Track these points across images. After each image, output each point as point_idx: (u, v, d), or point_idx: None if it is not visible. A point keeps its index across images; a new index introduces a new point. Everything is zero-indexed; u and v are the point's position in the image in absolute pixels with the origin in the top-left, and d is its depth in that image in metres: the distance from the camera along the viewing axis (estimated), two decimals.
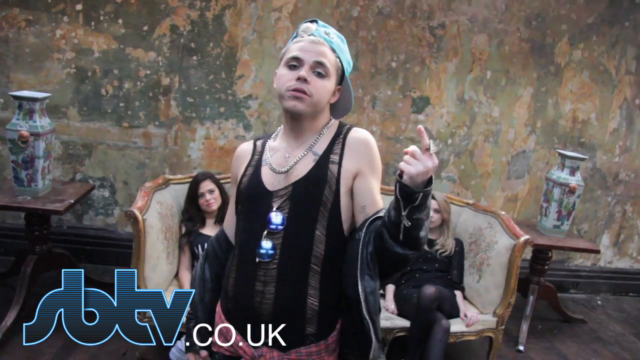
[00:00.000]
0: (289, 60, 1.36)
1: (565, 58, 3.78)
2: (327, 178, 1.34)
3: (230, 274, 1.42)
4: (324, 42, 1.37)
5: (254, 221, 1.36)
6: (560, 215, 3.41)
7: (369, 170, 1.36)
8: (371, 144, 1.39)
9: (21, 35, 3.33)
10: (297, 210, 1.33)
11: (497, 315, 2.88)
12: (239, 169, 1.48)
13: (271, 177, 1.39)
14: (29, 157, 2.76)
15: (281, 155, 1.41)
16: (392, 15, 3.54)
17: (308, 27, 1.40)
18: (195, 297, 1.52)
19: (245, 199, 1.41)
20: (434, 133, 3.68)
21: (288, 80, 1.34)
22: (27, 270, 2.87)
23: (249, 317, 1.35)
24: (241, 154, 1.51)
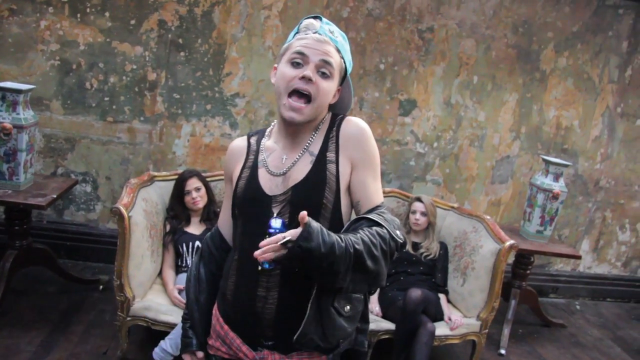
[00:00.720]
0: (293, 56, 1.29)
1: (551, 65, 3.83)
2: (326, 179, 1.32)
3: (229, 277, 1.39)
4: (329, 41, 1.31)
5: (254, 226, 1.32)
6: (544, 221, 3.45)
7: (362, 163, 1.34)
8: (364, 134, 1.36)
9: (4, 25, 3.25)
10: (297, 213, 1.24)
11: (481, 319, 2.90)
12: (233, 168, 1.45)
13: (269, 181, 1.35)
14: (12, 149, 2.69)
15: (277, 157, 1.38)
16: (381, 17, 3.54)
17: (312, 23, 1.33)
18: (190, 297, 1.50)
19: (243, 203, 1.37)
20: (419, 136, 3.71)
21: (291, 78, 1.28)
22: (5, 265, 2.80)
23: (250, 321, 1.34)
24: (235, 150, 1.47)
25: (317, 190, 1.31)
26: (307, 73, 1.27)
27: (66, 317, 2.93)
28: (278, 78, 1.32)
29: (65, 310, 2.99)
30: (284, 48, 1.35)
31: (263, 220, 1.28)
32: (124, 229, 2.43)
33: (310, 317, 1.24)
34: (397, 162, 3.80)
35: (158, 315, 2.54)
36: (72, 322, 2.89)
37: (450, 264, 3.17)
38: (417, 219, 3.09)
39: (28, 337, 2.70)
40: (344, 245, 1.17)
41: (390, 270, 3.07)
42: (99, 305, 3.09)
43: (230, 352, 1.40)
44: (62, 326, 2.84)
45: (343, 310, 1.29)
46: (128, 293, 2.50)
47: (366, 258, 1.21)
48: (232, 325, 1.39)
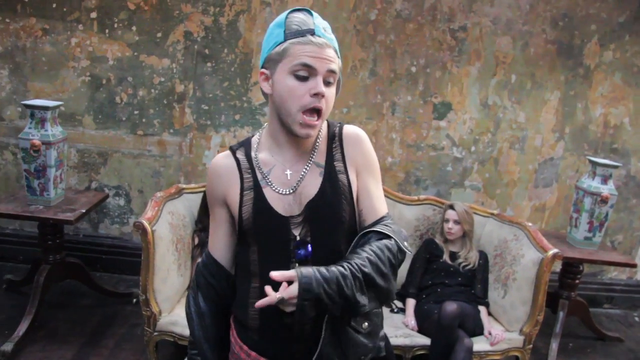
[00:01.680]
0: (297, 67, 1.18)
1: (595, 60, 3.59)
2: (340, 191, 1.28)
3: (251, 307, 1.30)
4: (328, 43, 1.21)
5: (274, 252, 1.27)
6: (592, 227, 3.22)
7: (365, 170, 1.32)
8: (366, 141, 1.35)
9: (38, 45, 3.33)
10: (319, 233, 1.26)
11: (524, 334, 2.72)
12: (226, 190, 1.32)
13: (280, 201, 1.27)
14: (41, 166, 2.73)
15: (280, 172, 1.29)
16: (411, 18, 3.42)
17: (304, 20, 1.21)
18: (196, 335, 1.39)
19: (257, 229, 1.27)
20: (456, 140, 3.56)
21: (301, 96, 1.18)
22: (40, 279, 2.84)
23: (285, 343, 1.30)
24: (223, 170, 1.32)
25: (335, 205, 1.27)
26: (320, 90, 1.18)
27: (98, 331, 2.94)
28: (283, 91, 1.20)
29: (98, 324, 3.01)
30: (275, 52, 1.21)
31: (284, 243, 1.25)
32: (147, 243, 2.40)
33: (326, 339, 1.23)
34: (434, 168, 3.65)
35: (185, 330, 2.48)
36: (104, 336, 2.90)
37: (490, 274, 3.00)
38: (450, 228, 2.94)
39: (60, 351, 2.72)
40: (349, 273, 1.16)
41: (427, 282, 2.94)
42: (131, 319, 3.09)
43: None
44: (94, 340, 2.85)
45: (361, 327, 1.28)
46: (154, 308, 2.47)
47: (376, 277, 1.20)
48: (261, 350, 1.33)
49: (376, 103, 3.52)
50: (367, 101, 3.50)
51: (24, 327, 2.72)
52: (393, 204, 3.17)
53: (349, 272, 1.16)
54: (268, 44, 1.24)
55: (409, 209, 3.19)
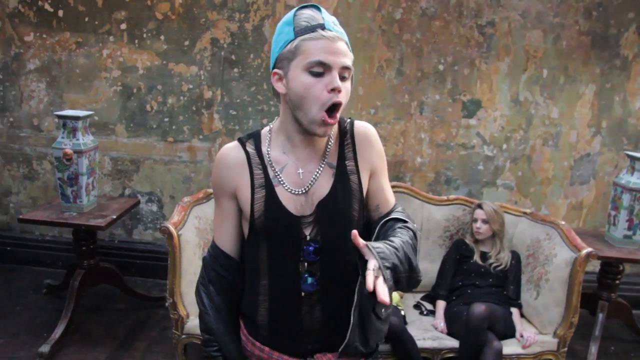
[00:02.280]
0: (311, 64, 1.16)
1: (634, 49, 3.44)
2: (351, 192, 1.29)
3: (260, 304, 1.33)
4: (340, 37, 1.19)
5: (284, 250, 1.28)
6: (632, 224, 3.07)
7: (380, 168, 1.35)
8: (377, 139, 1.36)
9: (72, 57, 3.46)
10: (330, 232, 1.28)
11: (558, 337, 2.62)
12: (235, 183, 1.31)
13: (292, 200, 1.27)
14: (74, 174, 2.83)
15: (292, 171, 1.28)
16: (437, 16, 3.37)
17: (312, 16, 1.19)
18: (216, 330, 1.37)
19: (269, 227, 1.28)
20: (487, 138, 3.48)
21: (319, 92, 1.17)
22: (74, 284, 2.93)
23: (296, 336, 1.32)
24: (232, 162, 1.31)
25: (345, 205, 1.28)
26: (337, 85, 1.17)
27: (131, 334, 3.01)
28: (299, 89, 1.18)
29: (131, 327, 3.09)
30: (287, 50, 1.19)
31: (294, 242, 1.26)
32: (173, 247, 2.45)
33: (355, 326, 1.23)
34: (464, 167, 3.58)
35: None
36: (137, 339, 2.97)
37: (523, 274, 2.91)
38: (479, 227, 2.87)
39: (95, 353, 2.81)
40: (400, 246, 1.22)
41: (457, 283, 2.88)
42: (163, 322, 3.15)
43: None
44: (127, 343, 2.92)
45: (381, 313, 1.27)
46: (181, 311, 2.51)
47: (412, 256, 1.24)
48: (272, 345, 1.35)
49: (404, 103, 3.48)
50: (394, 101, 3.47)
51: (60, 329, 2.82)
52: (421, 205, 3.12)
53: (399, 245, 1.21)
54: (278, 44, 1.23)
55: (438, 209, 3.13)
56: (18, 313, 3.14)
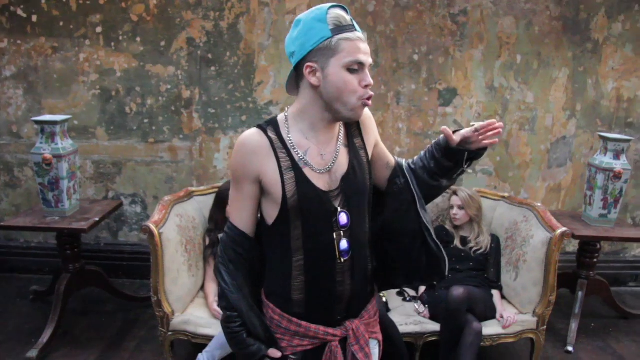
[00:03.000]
0: (351, 62, 1.30)
1: (604, 33, 3.51)
2: (363, 164, 1.46)
3: (295, 279, 1.42)
4: (364, 38, 1.36)
5: (318, 224, 1.39)
6: (607, 204, 3.15)
7: (378, 136, 1.56)
8: (370, 115, 1.54)
9: (48, 63, 3.46)
10: (353, 202, 1.43)
11: (537, 315, 2.69)
12: (260, 167, 1.37)
13: (319, 179, 1.39)
14: (54, 178, 2.85)
15: (316, 153, 1.40)
16: (410, 7, 3.41)
17: (343, 16, 1.33)
18: (240, 307, 1.43)
19: (302, 205, 1.37)
20: (464, 125, 3.52)
21: (355, 88, 1.32)
22: (60, 288, 2.95)
23: (331, 306, 1.45)
24: (256, 147, 1.37)
25: (361, 177, 1.45)
26: (370, 82, 1.34)
27: (120, 335, 3.04)
28: (339, 84, 1.31)
29: (119, 328, 3.11)
30: (325, 46, 1.30)
31: (326, 216, 1.39)
32: (155, 246, 2.48)
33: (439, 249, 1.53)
34: None
35: (197, 328, 2.57)
36: (125, 339, 3.00)
37: (502, 257, 2.97)
38: (455, 214, 2.93)
39: (84, 355, 2.83)
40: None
41: None
42: (151, 321, 3.17)
43: (316, 341, 1.45)
44: (116, 343, 2.95)
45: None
46: (166, 308, 2.54)
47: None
48: (309, 319, 1.44)
49: (381, 94, 3.52)
50: None
51: (48, 334, 2.84)
52: None
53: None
54: (310, 39, 1.31)
55: None
56: (5, 320, 3.15)
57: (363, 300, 1.53)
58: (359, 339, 1.48)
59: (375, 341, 1.59)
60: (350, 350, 1.47)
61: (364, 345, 1.48)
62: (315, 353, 1.46)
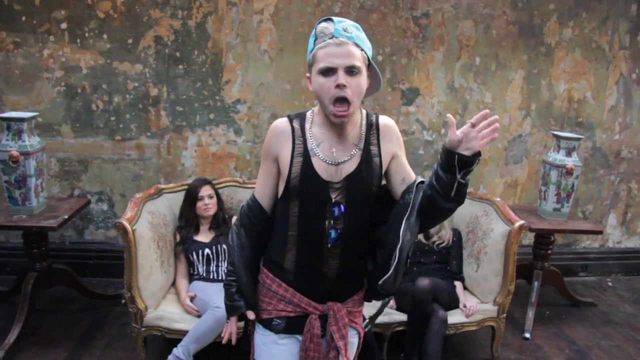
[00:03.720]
0: (321, 68, 1.43)
1: (556, 37, 3.72)
2: (373, 171, 1.55)
3: (287, 251, 1.59)
4: (347, 41, 1.43)
5: (313, 208, 1.54)
6: (560, 198, 3.35)
7: (400, 151, 1.61)
8: (396, 129, 1.63)
9: (10, 58, 3.39)
10: (352, 200, 1.54)
11: (498, 304, 2.84)
12: (279, 149, 1.56)
13: (324, 169, 1.52)
14: (21, 176, 2.80)
15: (327, 147, 1.54)
16: (374, 9, 3.52)
17: (326, 27, 1.46)
18: (237, 264, 1.64)
19: (301, 187, 1.53)
20: (426, 124, 3.67)
21: (328, 89, 1.43)
22: (27, 287, 2.91)
23: (316, 282, 1.58)
24: (280, 131, 1.57)
25: (367, 180, 1.55)
26: (340, 81, 1.41)
27: (89, 333, 3.02)
28: (316, 88, 1.47)
29: (89, 326, 3.09)
30: (310, 57, 1.48)
31: (322, 202, 1.53)
32: (128, 242, 2.49)
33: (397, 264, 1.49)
34: (406, 152, 3.71)
35: (171, 323, 2.59)
36: (95, 337, 2.98)
37: (464, 250, 3.12)
38: None
39: (53, 354, 2.80)
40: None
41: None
42: (121, 319, 3.18)
43: (298, 309, 1.60)
44: (86, 341, 2.93)
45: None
46: (140, 304, 2.56)
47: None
48: (296, 287, 1.60)
49: None
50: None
51: (15, 334, 2.79)
52: None
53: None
54: (308, 54, 1.52)
55: None
56: None
57: (349, 288, 1.64)
58: (338, 320, 1.59)
59: (354, 330, 1.69)
60: (328, 330, 1.59)
61: (342, 327, 1.60)
62: (298, 321, 1.60)
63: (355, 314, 1.68)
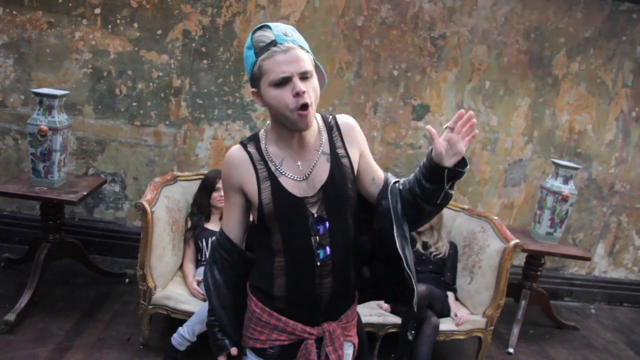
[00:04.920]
0: (273, 79, 1.35)
1: (563, 70, 3.90)
2: (346, 174, 1.49)
3: (276, 277, 1.50)
4: (293, 45, 1.36)
5: (295, 228, 1.47)
6: (553, 223, 3.51)
7: (365, 149, 1.56)
8: (357, 126, 1.57)
9: (43, 37, 3.52)
10: (333, 209, 1.48)
11: (487, 316, 2.99)
12: (242, 178, 1.49)
13: (295, 186, 1.46)
14: (47, 150, 2.93)
15: (291, 163, 1.48)
16: (395, 25, 3.69)
17: (264, 35, 1.37)
18: (214, 304, 1.57)
19: (279, 212, 1.46)
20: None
21: (287, 100, 1.35)
22: (40, 257, 3.03)
23: (310, 305, 1.52)
24: (237, 162, 1.50)
25: (343, 185, 1.49)
26: (299, 89, 1.34)
27: (94, 307, 3.14)
28: (272, 102, 1.38)
29: (94, 300, 3.21)
30: (254, 70, 1.38)
31: (303, 221, 1.46)
32: (146, 223, 2.62)
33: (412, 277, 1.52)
34: (411, 165, 3.92)
35: (177, 304, 2.72)
36: (100, 311, 3.10)
37: (459, 263, 3.26)
38: None
39: (59, 322, 2.92)
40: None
41: None
42: (125, 297, 3.30)
43: (293, 337, 1.53)
44: (91, 314, 3.05)
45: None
46: (150, 283, 2.69)
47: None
48: (289, 315, 1.53)
49: (360, 103, 3.78)
50: (351, 101, 3.76)
51: (25, 300, 2.90)
52: None
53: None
54: (247, 67, 1.42)
55: None
56: None
57: (343, 304, 1.58)
58: (334, 341, 1.55)
59: (349, 343, 1.65)
60: (324, 350, 1.54)
61: (338, 347, 1.55)
62: (292, 348, 1.54)
63: (350, 328, 1.63)
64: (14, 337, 2.74)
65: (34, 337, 2.76)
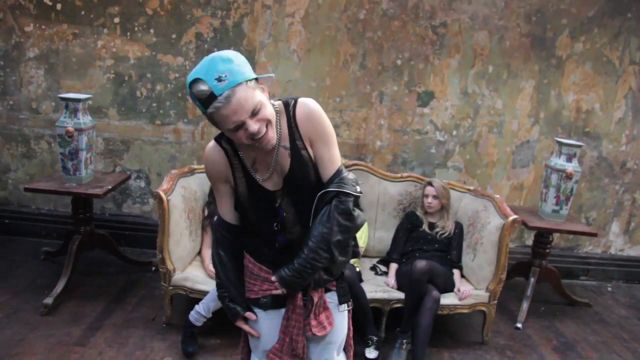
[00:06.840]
0: (230, 130, 1.44)
1: (567, 51, 3.95)
2: (305, 164, 1.61)
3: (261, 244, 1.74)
4: (231, 92, 1.38)
5: (263, 216, 1.68)
6: (559, 200, 3.58)
7: (316, 139, 1.60)
8: (312, 112, 1.58)
9: (69, 47, 3.83)
10: (296, 197, 1.65)
11: (489, 291, 3.11)
12: (222, 172, 1.65)
13: (267, 181, 1.63)
14: (74, 149, 3.22)
15: (262, 160, 1.62)
16: (396, 17, 3.83)
17: (202, 90, 1.39)
18: (222, 278, 1.78)
19: (252, 203, 1.66)
20: (439, 125, 3.96)
21: (244, 139, 1.46)
22: (72, 247, 3.32)
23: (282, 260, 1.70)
24: (215, 159, 1.65)
25: (302, 175, 1.62)
26: (252, 131, 1.43)
27: (123, 292, 3.42)
28: (232, 138, 1.53)
29: (123, 287, 3.49)
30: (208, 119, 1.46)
31: (270, 210, 1.67)
32: (163, 210, 2.86)
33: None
34: (419, 150, 4.05)
35: (195, 284, 2.96)
36: (128, 296, 3.38)
37: (464, 241, 3.38)
38: (430, 202, 3.33)
39: (91, 305, 3.21)
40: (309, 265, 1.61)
41: (408, 249, 3.34)
42: (151, 283, 3.56)
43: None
44: (119, 298, 3.33)
45: (339, 259, 1.67)
46: (169, 265, 2.93)
47: (333, 249, 1.62)
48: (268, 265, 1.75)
49: (366, 93, 3.93)
50: (357, 91, 3.92)
51: (61, 286, 3.20)
52: (378, 181, 3.59)
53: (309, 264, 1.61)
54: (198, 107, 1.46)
55: (392, 185, 3.60)
56: (19, 276, 3.51)
57: None
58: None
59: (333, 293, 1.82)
60: (309, 296, 1.73)
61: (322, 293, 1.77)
62: (281, 297, 1.74)
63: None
64: (52, 318, 3.04)
65: (69, 319, 3.05)
